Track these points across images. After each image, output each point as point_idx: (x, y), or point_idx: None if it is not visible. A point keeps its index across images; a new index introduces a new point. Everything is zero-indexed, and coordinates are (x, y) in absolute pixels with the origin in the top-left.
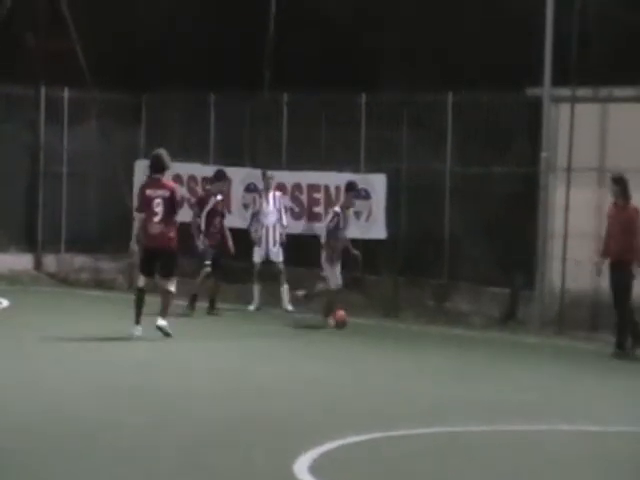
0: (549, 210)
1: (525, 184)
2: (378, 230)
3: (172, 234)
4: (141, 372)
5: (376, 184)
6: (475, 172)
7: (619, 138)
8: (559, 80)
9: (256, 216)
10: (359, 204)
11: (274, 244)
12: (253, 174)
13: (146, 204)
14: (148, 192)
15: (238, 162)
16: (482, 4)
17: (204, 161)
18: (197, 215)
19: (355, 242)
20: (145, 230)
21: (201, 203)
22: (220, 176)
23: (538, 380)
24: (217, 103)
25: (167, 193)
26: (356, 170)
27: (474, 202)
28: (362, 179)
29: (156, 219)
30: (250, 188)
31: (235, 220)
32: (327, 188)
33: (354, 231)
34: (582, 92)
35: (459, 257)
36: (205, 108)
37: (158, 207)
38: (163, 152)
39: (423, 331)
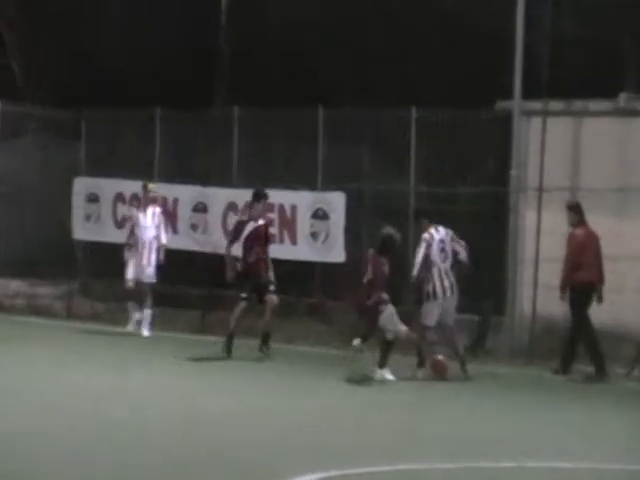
0: (519, 232)
1: (494, 205)
2: (336, 253)
3: None
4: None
5: (335, 203)
6: (441, 192)
7: (593, 155)
8: (530, 93)
9: (133, 230)
10: (316, 225)
11: (148, 263)
12: (204, 193)
13: None
14: None
15: (187, 180)
16: (448, 18)
17: (149, 179)
18: (229, 243)
19: (312, 266)
20: None
21: (237, 229)
22: (260, 196)
23: (506, 413)
24: (164, 118)
25: None
26: (313, 188)
27: (440, 224)
28: (320, 198)
29: None
30: (198, 208)
31: (183, 241)
32: (282, 207)
33: (310, 254)
34: (554, 105)
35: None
36: (151, 123)
37: None
38: None
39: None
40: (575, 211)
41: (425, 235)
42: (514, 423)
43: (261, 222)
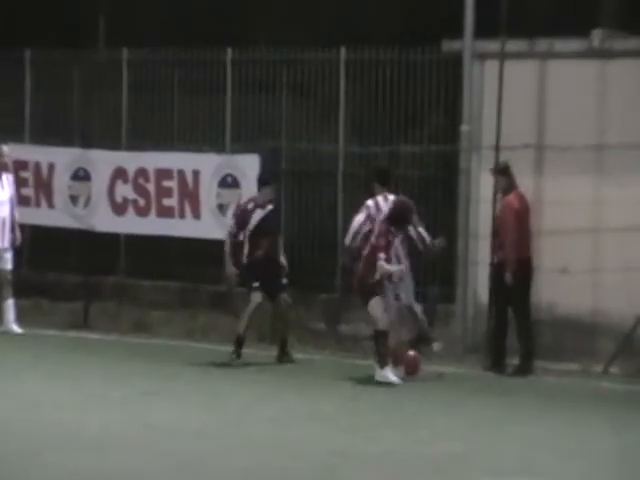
0: (472, 201)
1: (441, 167)
2: None
3: None
4: None
5: (247, 168)
6: (376, 152)
7: (562, 105)
8: (485, 31)
9: None
10: (225, 194)
11: (4, 245)
12: (83, 157)
13: None
14: None
15: (64, 141)
16: None
17: (17, 139)
18: (233, 235)
19: (220, 244)
20: None
21: (242, 218)
22: (266, 180)
23: (458, 423)
24: (35, 62)
25: None
26: (220, 150)
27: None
28: (228, 162)
29: None
30: (80, 175)
31: (62, 218)
32: (182, 174)
33: (217, 231)
34: (514, 45)
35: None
36: (19, 69)
37: None
38: None
39: (309, 360)
40: (505, 174)
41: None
42: (467, 434)
43: (270, 207)
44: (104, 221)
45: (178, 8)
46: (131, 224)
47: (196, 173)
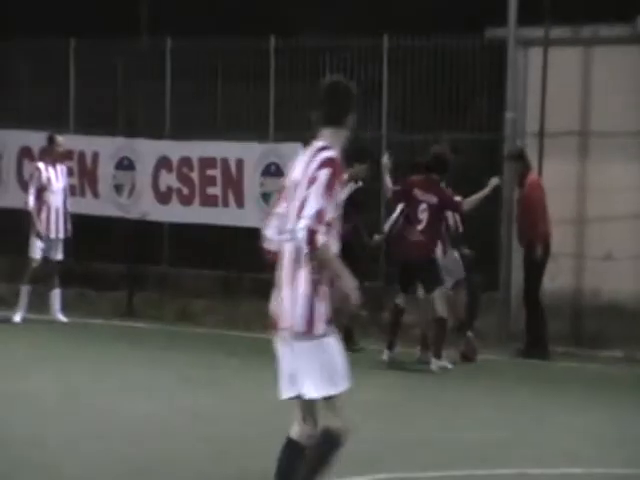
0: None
1: (485, 154)
2: None
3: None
4: None
5: (290, 157)
6: (419, 140)
7: (607, 92)
8: (529, 18)
9: (40, 194)
10: (268, 183)
11: (58, 234)
12: (127, 146)
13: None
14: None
15: (108, 130)
16: None
17: (62, 129)
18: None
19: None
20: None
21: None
22: (364, 154)
23: (502, 412)
24: (79, 51)
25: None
26: (264, 139)
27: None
28: (272, 150)
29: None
30: (124, 164)
31: (106, 207)
32: (226, 162)
33: (261, 220)
34: (558, 32)
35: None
36: (63, 58)
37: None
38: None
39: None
40: (520, 159)
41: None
42: (511, 423)
43: (360, 184)
44: (149, 210)
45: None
46: (175, 213)
47: (239, 162)
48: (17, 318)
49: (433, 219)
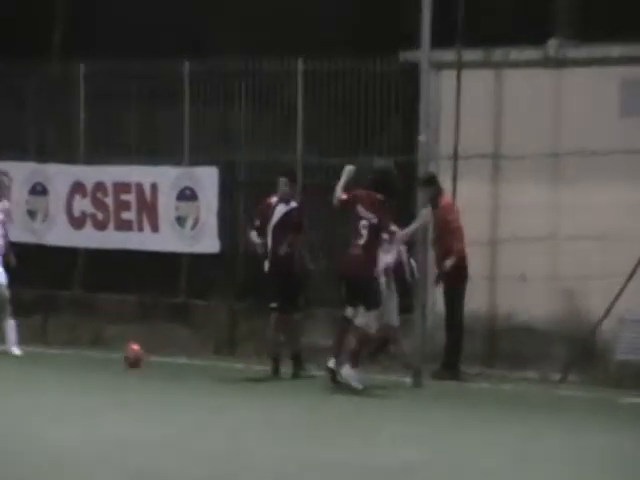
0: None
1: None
2: (209, 242)
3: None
4: None
5: (205, 181)
6: (335, 163)
7: (519, 114)
8: (442, 42)
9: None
10: (182, 207)
11: None
12: (42, 171)
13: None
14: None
15: (20, 155)
16: None
17: None
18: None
19: (179, 258)
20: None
21: (264, 213)
22: (292, 175)
23: (418, 431)
24: None
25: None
26: (178, 162)
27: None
28: (186, 174)
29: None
30: (37, 190)
31: (18, 233)
32: (140, 187)
33: (176, 243)
34: (471, 55)
35: (318, 275)
36: None
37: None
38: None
39: (266, 371)
40: (431, 184)
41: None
42: (428, 445)
43: (294, 204)
44: (61, 235)
45: (133, 19)
46: (89, 238)
47: (154, 186)
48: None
49: (371, 237)
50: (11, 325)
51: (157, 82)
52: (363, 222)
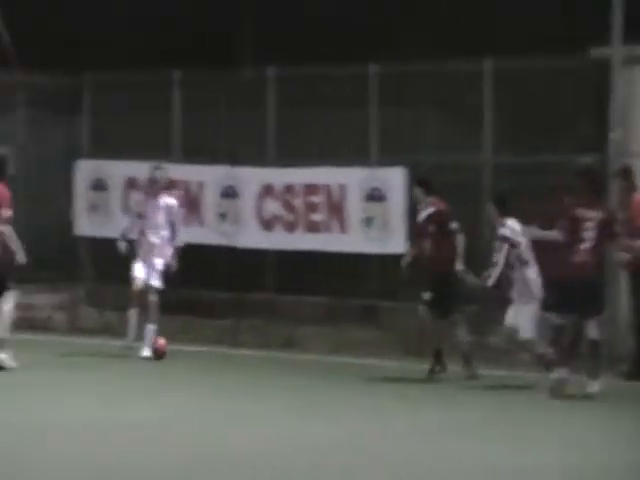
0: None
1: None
2: (396, 243)
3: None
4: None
5: (392, 182)
6: (523, 163)
7: None
8: (634, 37)
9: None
10: (370, 208)
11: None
12: (233, 175)
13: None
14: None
15: (211, 159)
16: None
17: (166, 158)
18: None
19: (367, 258)
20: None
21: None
22: (428, 184)
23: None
24: (184, 82)
25: None
26: (366, 164)
27: (523, 202)
28: (374, 175)
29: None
30: (228, 193)
31: (210, 235)
32: (328, 189)
33: (364, 244)
34: None
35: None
36: (167, 90)
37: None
38: None
39: (458, 375)
40: (626, 176)
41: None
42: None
43: (432, 209)
44: (251, 238)
45: (323, 24)
46: (279, 240)
47: (342, 187)
48: (145, 353)
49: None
50: (148, 329)
51: (343, 85)
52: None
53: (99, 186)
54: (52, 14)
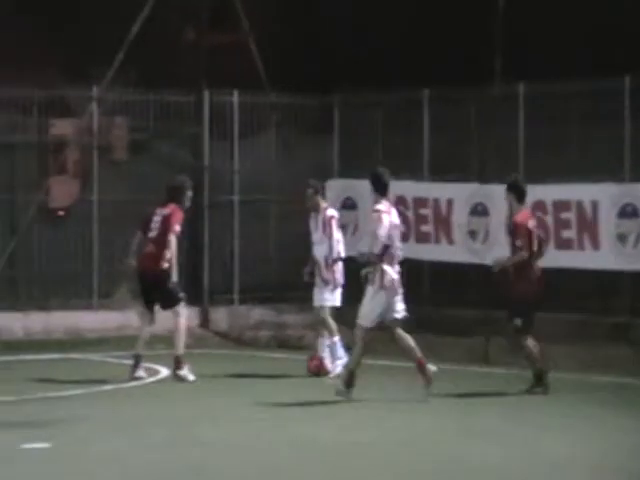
0: None
1: None
2: None
3: None
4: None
5: None
6: None
7: None
8: None
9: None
10: (623, 224)
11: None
12: (483, 192)
13: None
14: None
15: (461, 177)
16: None
17: (416, 177)
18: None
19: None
20: None
21: None
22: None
23: None
24: (433, 101)
25: None
26: (619, 179)
27: None
28: (627, 191)
29: None
30: (478, 210)
31: (460, 254)
32: (580, 205)
33: (616, 261)
34: None
35: None
36: (417, 109)
37: None
38: None
39: None
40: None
41: None
42: None
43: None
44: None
45: (576, 37)
46: None
47: (594, 204)
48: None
49: None
50: (321, 342)
51: (595, 99)
52: None
53: (349, 205)
54: (307, 36)
